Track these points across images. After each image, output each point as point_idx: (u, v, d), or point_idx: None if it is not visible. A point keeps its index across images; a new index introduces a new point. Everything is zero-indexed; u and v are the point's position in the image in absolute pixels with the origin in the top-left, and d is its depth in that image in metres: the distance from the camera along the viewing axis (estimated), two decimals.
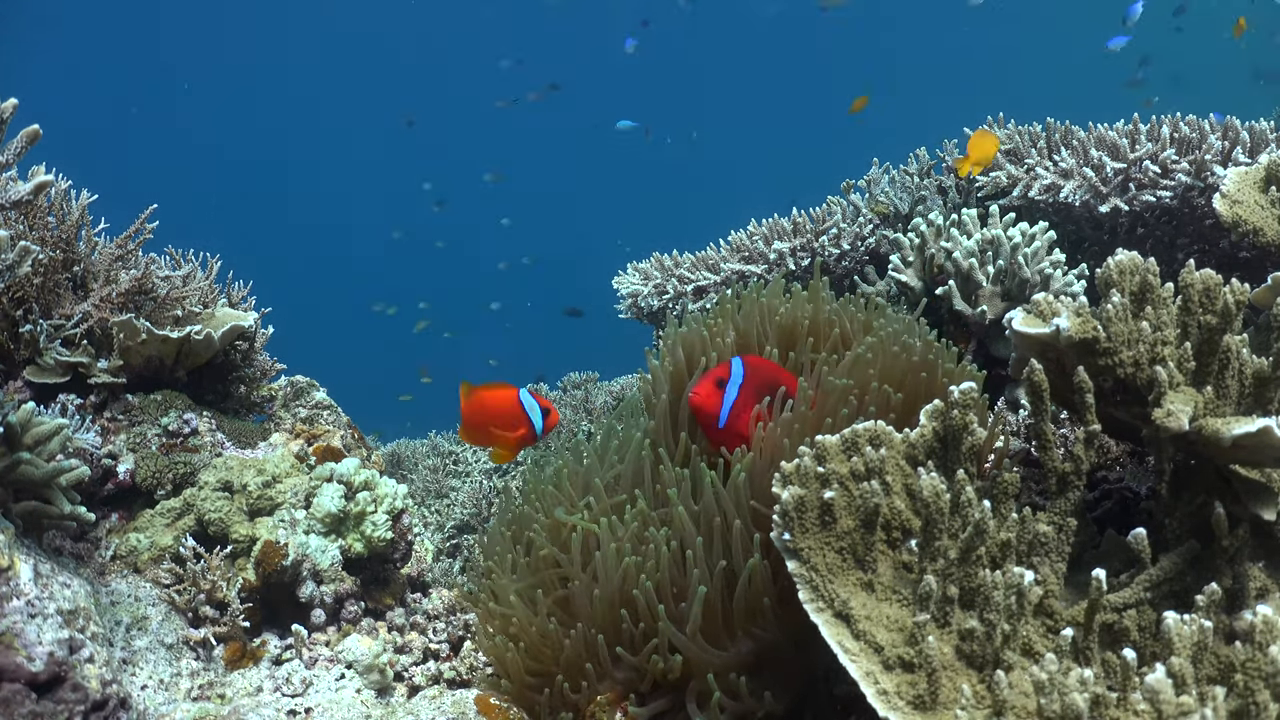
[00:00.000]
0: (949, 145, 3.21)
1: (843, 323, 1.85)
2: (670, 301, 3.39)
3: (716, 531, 1.45)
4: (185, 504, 2.22)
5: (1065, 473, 1.28)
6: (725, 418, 1.56)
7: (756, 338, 1.85)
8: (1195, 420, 1.20)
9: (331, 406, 2.84)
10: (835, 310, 1.87)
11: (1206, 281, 1.29)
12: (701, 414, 1.60)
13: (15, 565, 1.51)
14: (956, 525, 1.19)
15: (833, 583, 1.19)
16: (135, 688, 1.83)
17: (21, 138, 1.49)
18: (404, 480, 4.21)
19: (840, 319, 1.86)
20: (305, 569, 2.21)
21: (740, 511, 1.45)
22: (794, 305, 1.89)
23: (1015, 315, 1.41)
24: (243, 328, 2.55)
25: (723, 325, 1.85)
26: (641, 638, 1.46)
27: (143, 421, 2.31)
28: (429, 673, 2.13)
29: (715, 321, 1.88)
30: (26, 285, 2.26)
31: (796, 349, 1.80)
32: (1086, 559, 1.32)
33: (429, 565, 2.58)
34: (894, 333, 1.72)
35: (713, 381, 1.59)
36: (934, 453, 1.33)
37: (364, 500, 2.33)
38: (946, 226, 2.49)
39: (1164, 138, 2.77)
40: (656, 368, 1.82)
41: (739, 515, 1.45)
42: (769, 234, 3.28)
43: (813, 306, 1.88)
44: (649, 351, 1.93)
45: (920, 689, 1.07)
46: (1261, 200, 2.09)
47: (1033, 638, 1.19)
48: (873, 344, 1.67)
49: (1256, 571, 1.23)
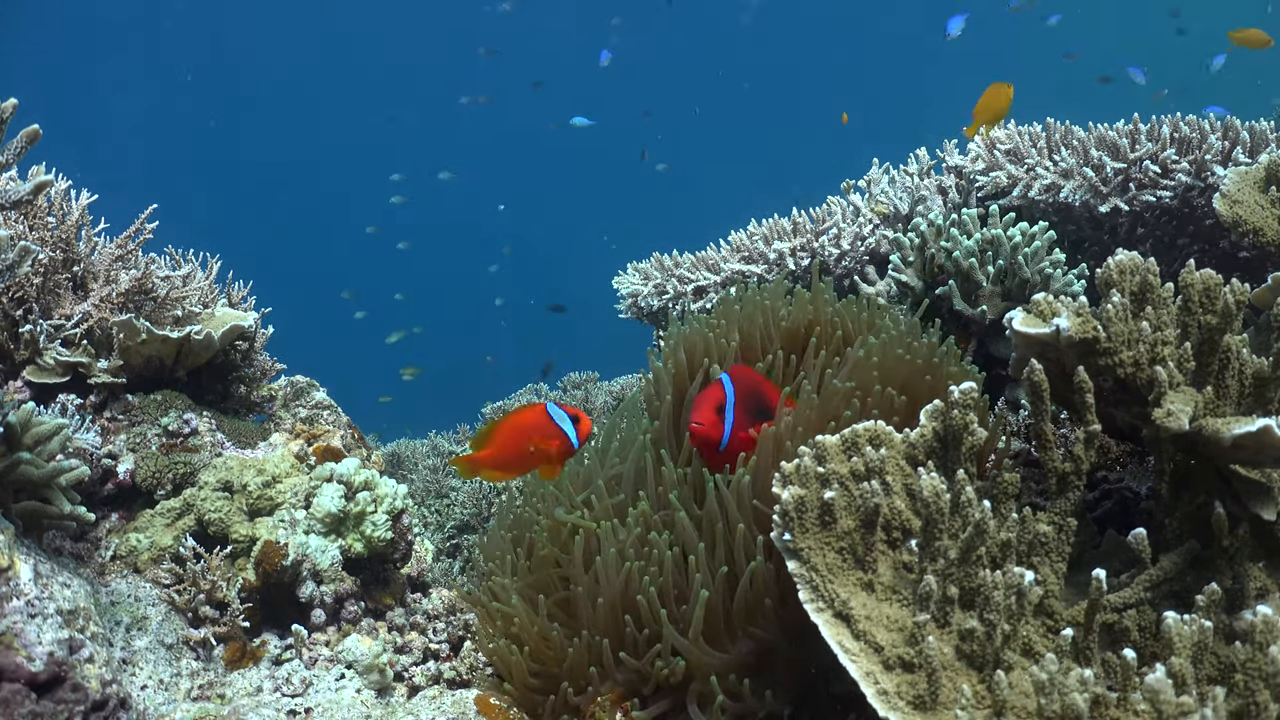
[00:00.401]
0: (949, 145, 3.21)
1: (845, 324, 1.85)
2: (670, 301, 3.39)
3: (719, 536, 1.44)
4: (185, 504, 2.22)
5: (1065, 473, 1.28)
6: (726, 441, 1.55)
7: (759, 340, 1.85)
8: (1195, 420, 1.20)
9: (331, 406, 2.84)
10: (838, 311, 1.87)
11: (1206, 281, 1.29)
12: (706, 444, 1.58)
13: (15, 565, 1.51)
14: (957, 525, 1.19)
15: (833, 583, 1.19)
16: (135, 688, 1.83)
17: (21, 138, 1.49)
18: (404, 480, 4.21)
19: (843, 320, 1.85)
20: (305, 569, 2.21)
21: (743, 514, 1.45)
22: (797, 307, 1.89)
23: (1015, 315, 1.40)
24: (243, 328, 2.55)
25: (726, 327, 1.85)
26: (645, 642, 1.46)
27: (143, 421, 2.31)
28: (429, 673, 2.13)
29: (718, 323, 1.87)
30: (26, 285, 2.26)
31: (800, 351, 1.79)
32: (1086, 559, 1.32)
33: (429, 565, 2.58)
34: (898, 335, 1.72)
35: (712, 409, 1.56)
36: (934, 453, 1.33)
37: (364, 500, 2.33)
38: (946, 226, 2.49)
39: (1164, 138, 2.77)
40: (659, 368, 1.82)
41: (742, 518, 1.44)
42: (769, 234, 3.28)
43: (814, 308, 1.88)
44: (651, 352, 1.93)
45: (920, 689, 1.07)
46: (1261, 200, 2.09)
47: (1033, 638, 1.19)
48: (876, 346, 1.67)
49: (1256, 571, 1.23)
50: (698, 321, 1.88)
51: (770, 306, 1.88)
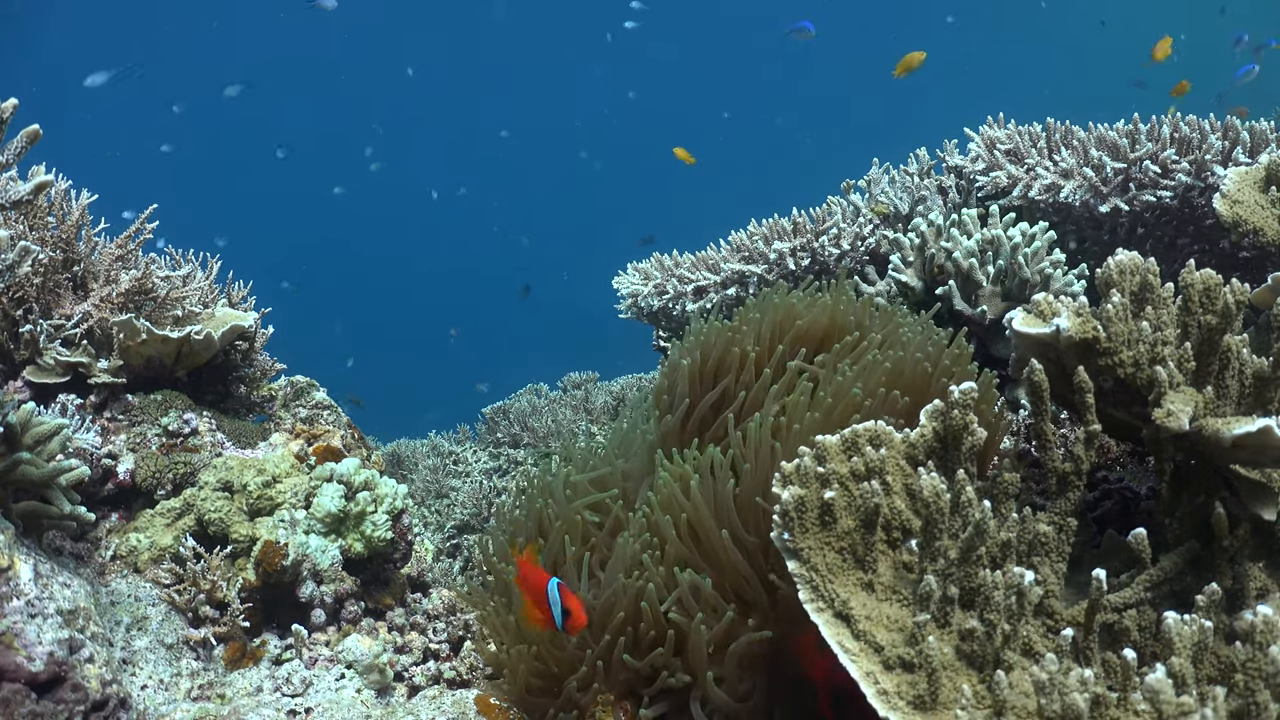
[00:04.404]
0: (949, 145, 3.21)
1: (863, 326, 1.85)
2: (670, 301, 3.39)
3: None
4: (185, 504, 2.22)
5: (1065, 473, 1.28)
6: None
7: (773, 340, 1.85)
8: (1195, 420, 1.20)
9: (331, 406, 2.84)
10: (857, 312, 1.88)
11: (1206, 281, 1.29)
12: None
13: (15, 565, 1.51)
14: (957, 525, 1.19)
15: (833, 583, 1.19)
16: (135, 688, 1.83)
17: (21, 137, 1.49)
18: (404, 480, 4.20)
19: (861, 324, 1.86)
20: (305, 569, 2.21)
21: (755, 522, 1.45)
22: (816, 309, 1.89)
23: (1015, 315, 1.41)
24: (243, 328, 2.55)
25: (746, 331, 1.85)
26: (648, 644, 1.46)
27: (143, 421, 2.31)
28: (429, 673, 2.13)
29: (739, 325, 1.87)
30: (26, 285, 2.26)
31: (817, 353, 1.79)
32: (1086, 559, 1.32)
33: (429, 565, 2.58)
34: (917, 342, 1.72)
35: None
36: (934, 453, 1.33)
37: (364, 500, 2.32)
38: (946, 226, 2.49)
39: (1164, 138, 2.77)
40: (674, 368, 1.81)
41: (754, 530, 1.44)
42: (769, 234, 3.28)
43: (832, 310, 1.88)
44: (673, 344, 1.93)
45: (920, 689, 1.07)
46: (1261, 200, 2.09)
47: (1033, 638, 1.19)
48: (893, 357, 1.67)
49: (1256, 571, 1.23)
50: (716, 323, 1.88)
51: (789, 310, 1.88)
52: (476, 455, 4.57)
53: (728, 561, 1.44)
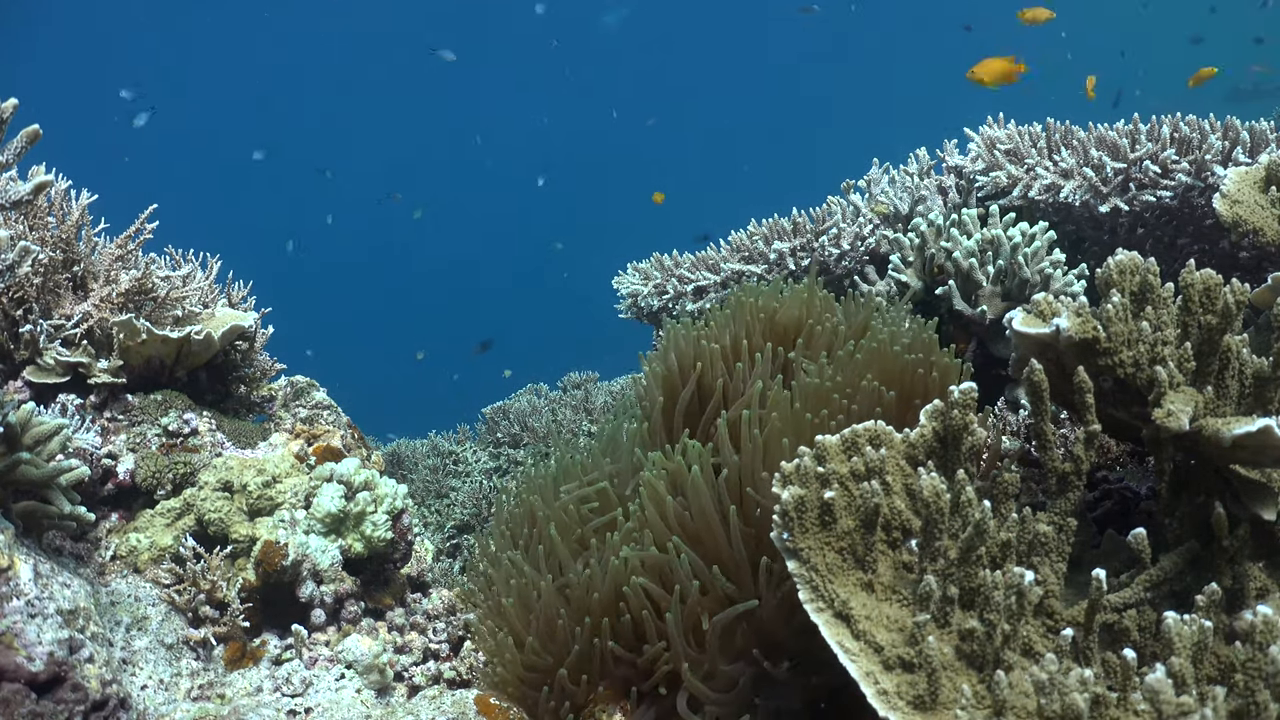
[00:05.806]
0: (949, 145, 3.21)
1: (836, 320, 1.86)
2: (670, 302, 3.39)
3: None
4: (185, 504, 2.22)
5: (1065, 473, 1.28)
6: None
7: (749, 340, 1.86)
8: (1195, 420, 1.20)
9: (331, 406, 2.84)
10: (828, 306, 1.89)
11: (1206, 281, 1.29)
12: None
13: (15, 565, 1.51)
14: (957, 525, 1.19)
15: (833, 583, 1.19)
16: (135, 688, 1.83)
17: (21, 137, 1.49)
18: (404, 480, 4.21)
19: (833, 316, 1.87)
20: (305, 569, 2.21)
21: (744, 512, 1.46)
22: (789, 304, 1.90)
23: (1015, 315, 1.41)
24: (243, 328, 2.55)
25: (717, 330, 1.86)
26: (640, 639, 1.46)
27: (143, 421, 2.31)
28: (429, 673, 2.13)
29: (705, 327, 1.89)
30: (26, 285, 2.26)
31: (791, 348, 1.80)
32: (1086, 559, 1.32)
33: (429, 565, 2.58)
34: (894, 334, 1.72)
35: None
36: (934, 453, 1.33)
37: (364, 500, 2.33)
38: (946, 226, 2.49)
39: (1164, 138, 2.77)
40: (652, 372, 1.83)
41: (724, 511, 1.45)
42: (769, 234, 3.28)
43: (806, 305, 1.89)
44: (643, 357, 1.95)
45: (920, 689, 1.07)
46: (1261, 200, 2.09)
47: (1033, 638, 1.19)
48: (866, 344, 1.68)
49: (1256, 571, 1.23)
50: (685, 326, 1.90)
51: (762, 306, 1.89)
52: (476, 455, 4.57)
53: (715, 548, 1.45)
